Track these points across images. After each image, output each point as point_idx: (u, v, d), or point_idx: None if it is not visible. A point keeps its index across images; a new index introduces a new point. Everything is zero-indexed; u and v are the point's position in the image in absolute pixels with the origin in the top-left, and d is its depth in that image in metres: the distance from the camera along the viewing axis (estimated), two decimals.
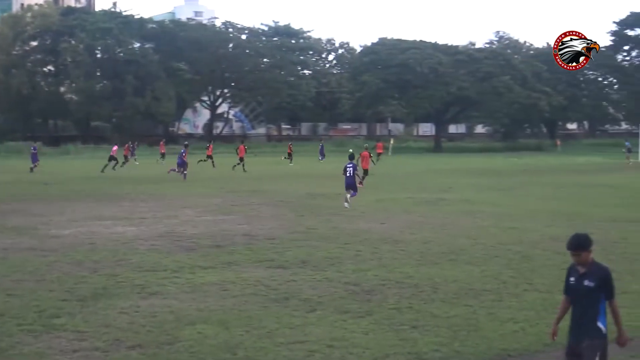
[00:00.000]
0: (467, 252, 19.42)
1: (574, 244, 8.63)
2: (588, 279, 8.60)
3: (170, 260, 18.33)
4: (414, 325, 12.57)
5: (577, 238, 8.68)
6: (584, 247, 8.60)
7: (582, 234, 8.80)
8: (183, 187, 39.69)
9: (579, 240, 8.65)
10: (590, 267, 8.66)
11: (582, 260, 8.61)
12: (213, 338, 11.92)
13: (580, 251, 8.58)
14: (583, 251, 8.58)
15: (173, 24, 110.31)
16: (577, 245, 8.60)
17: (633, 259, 18.50)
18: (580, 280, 8.65)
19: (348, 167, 31.51)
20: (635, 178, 46.86)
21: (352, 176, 31.38)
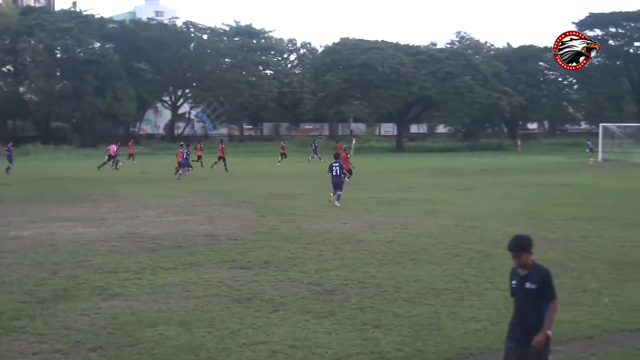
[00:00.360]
0: (428, 252, 19.51)
1: (515, 245, 8.61)
2: (529, 281, 8.56)
3: (132, 261, 18.24)
4: (377, 325, 12.61)
5: (518, 239, 8.67)
6: (525, 249, 8.58)
7: (523, 235, 8.83)
8: (144, 188, 39.45)
9: (520, 242, 8.64)
10: (531, 269, 8.62)
11: (523, 262, 8.58)
12: (175, 339, 11.88)
13: (521, 252, 8.55)
14: (524, 252, 8.56)
15: (134, 24, 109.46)
16: (519, 247, 8.59)
17: (592, 258, 18.68)
18: (522, 283, 8.61)
19: (334, 166, 31.87)
20: (595, 177, 47.30)
21: (338, 175, 31.68)
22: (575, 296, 14.68)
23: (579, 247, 20.39)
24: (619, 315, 13.26)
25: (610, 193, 36.32)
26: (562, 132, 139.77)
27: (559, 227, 24.37)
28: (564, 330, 12.32)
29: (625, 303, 14.12)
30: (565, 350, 11.47)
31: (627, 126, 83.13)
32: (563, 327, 12.43)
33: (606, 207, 30.18)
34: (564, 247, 20.32)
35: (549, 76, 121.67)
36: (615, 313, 13.42)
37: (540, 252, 19.29)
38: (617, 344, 11.78)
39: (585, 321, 12.91)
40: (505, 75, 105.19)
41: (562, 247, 20.24)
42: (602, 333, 12.30)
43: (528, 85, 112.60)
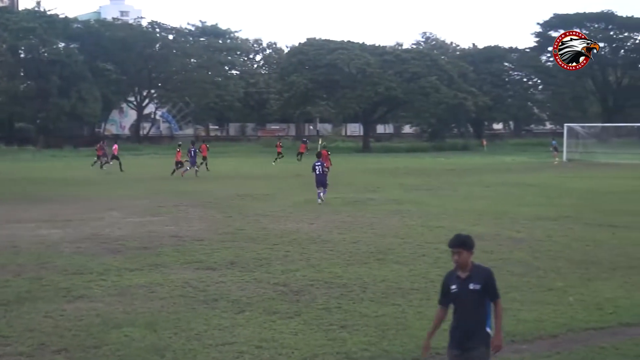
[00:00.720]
0: (395, 252, 19.55)
1: (456, 241, 8.38)
2: (473, 282, 8.28)
3: (97, 262, 18.12)
4: (343, 325, 12.61)
5: (459, 236, 8.47)
6: (467, 246, 8.32)
7: (465, 234, 8.60)
8: (109, 189, 39.20)
9: (462, 238, 8.42)
10: (472, 269, 8.34)
11: (462, 260, 8.27)
12: (140, 341, 11.82)
13: (461, 249, 8.27)
14: (464, 249, 8.29)
15: (98, 24, 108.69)
16: (459, 243, 8.34)
17: (557, 257, 18.81)
18: (465, 284, 8.29)
19: (317, 165, 32.97)
20: (560, 177, 47.65)
21: (321, 174, 32.74)
22: (540, 295, 14.78)
23: (544, 246, 20.52)
24: (584, 314, 13.35)
25: (575, 193, 36.60)
26: (527, 132, 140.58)
27: (525, 226, 24.53)
28: (529, 329, 12.40)
29: (590, 302, 14.23)
30: (530, 349, 11.54)
31: (591, 126, 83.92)
32: (528, 326, 12.52)
33: (571, 206, 30.41)
34: (530, 246, 20.45)
35: (514, 76, 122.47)
36: (579, 312, 13.51)
37: (506, 251, 19.49)
38: (582, 343, 11.86)
39: (550, 320, 12.98)
40: (470, 76, 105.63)
41: (527, 247, 20.36)
42: (567, 332, 12.38)
43: (493, 86, 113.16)
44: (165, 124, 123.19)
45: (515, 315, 13.22)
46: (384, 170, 54.10)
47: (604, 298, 14.49)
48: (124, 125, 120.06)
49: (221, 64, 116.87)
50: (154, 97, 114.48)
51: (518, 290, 15.11)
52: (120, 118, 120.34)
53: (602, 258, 18.65)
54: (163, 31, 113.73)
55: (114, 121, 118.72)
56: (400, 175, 49.31)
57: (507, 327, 12.37)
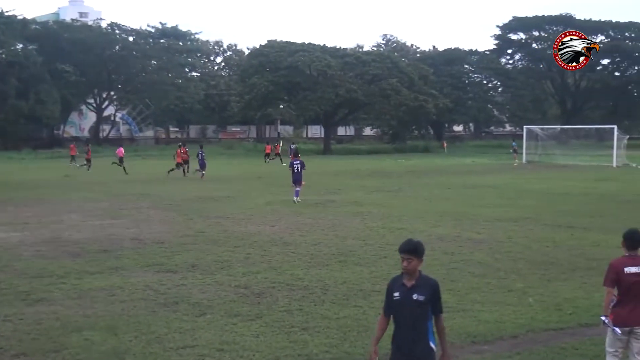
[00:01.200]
0: (356, 253, 19.57)
1: (407, 247, 7.91)
2: (418, 292, 7.81)
3: (56, 266, 17.97)
4: (304, 327, 12.60)
5: (412, 242, 7.99)
6: (418, 253, 7.88)
7: (417, 240, 8.11)
8: (69, 192, 38.87)
9: (414, 244, 7.93)
10: (419, 279, 7.90)
11: (412, 268, 7.81)
12: (101, 344, 11.74)
13: (413, 255, 7.82)
14: (416, 257, 7.84)
15: (57, 25, 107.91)
16: (411, 249, 7.88)
17: (517, 258, 18.93)
18: (409, 294, 7.84)
19: (295, 164, 34.00)
20: (519, 178, 47.97)
21: (299, 172, 33.67)
22: (501, 296, 14.87)
23: (504, 247, 20.65)
24: (544, 315, 13.45)
25: (534, 194, 36.87)
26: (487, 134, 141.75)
27: (485, 227, 24.68)
28: (490, 329, 12.48)
29: (549, 302, 14.34)
30: (491, 349, 11.61)
31: (550, 128, 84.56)
32: (489, 327, 12.59)
33: (530, 208, 30.64)
34: (490, 247, 20.57)
35: (473, 79, 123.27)
36: (539, 312, 13.61)
37: (467, 252, 19.60)
38: (542, 343, 11.94)
39: (510, 321, 13.07)
40: (431, 78, 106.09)
41: (487, 248, 20.48)
42: (527, 332, 12.46)
43: (454, 88, 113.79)
44: (125, 126, 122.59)
45: (476, 316, 13.30)
46: (345, 172, 54.16)
47: (564, 299, 14.61)
48: (83, 128, 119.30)
49: (181, 65, 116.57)
50: (114, 99, 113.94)
51: (479, 291, 15.20)
52: (80, 120, 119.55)
53: (561, 259, 18.81)
54: (123, 33, 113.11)
55: (73, 123, 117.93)
56: (361, 177, 49.39)
57: (468, 327, 12.49)
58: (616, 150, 63.49)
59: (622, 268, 9.46)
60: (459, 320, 13.01)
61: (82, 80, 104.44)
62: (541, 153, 71.89)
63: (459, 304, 14.14)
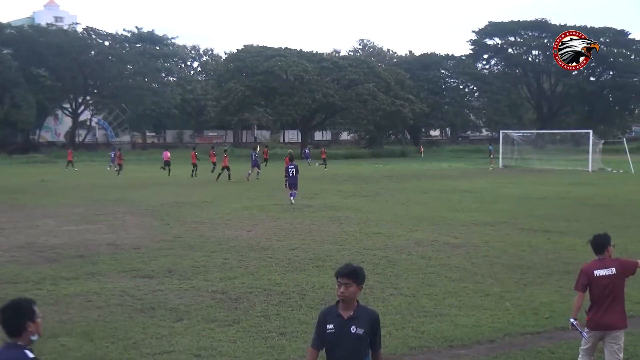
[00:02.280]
0: (333, 258, 19.56)
1: (346, 270, 7.06)
2: (356, 324, 6.93)
3: (32, 271, 17.85)
4: (282, 332, 12.59)
5: (351, 265, 7.16)
6: (358, 277, 7.02)
7: (357, 265, 7.29)
8: (44, 197, 38.66)
9: (354, 268, 7.10)
10: (357, 309, 7.03)
11: (350, 294, 6.94)
12: (77, 350, 11.68)
13: (352, 280, 6.94)
14: (355, 281, 6.96)
15: (32, 29, 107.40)
16: (351, 272, 7.03)
17: (494, 262, 18.98)
18: (346, 326, 6.92)
19: (290, 168, 35.40)
20: (495, 183, 48.14)
21: (294, 176, 35.13)
22: (478, 300, 14.91)
23: (481, 251, 20.71)
24: (520, 319, 13.50)
25: (511, 198, 37.00)
26: (463, 138, 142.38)
27: (462, 232, 24.73)
28: (467, 333, 12.50)
29: (526, 306, 14.39)
30: (468, 353, 11.63)
31: (526, 132, 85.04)
32: (466, 331, 12.62)
33: (506, 212, 30.75)
34: (467, 252, 20.62)
35: (450, 84, 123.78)
36: (516, 316, 13.66)
37: (444, 257, 19.64)
38: (519, 347, 11.98)
39: (487, 325, 13.10)
40: (407, 83, 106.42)
41: (464, 252, 20.54)
42: (504, 336, 12.49)
43: (430, 93, 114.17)
44: (101, 130, 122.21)
45: (453, 320, 13.33)
46: (322, 177, 54.16)
47: (540, 303, 14.67)
48: (59, 133, 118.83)
49: (158, 70, 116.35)
50: (90, 103, 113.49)
51: (456, 296, 15.23)
52: (55, 125, 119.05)
53: (538, 263, 18.88)
54: (98, 37, 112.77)
55: (49, 128, 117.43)
56: (338, 182, 49.42)
57: (445, 332, 12.52)
58: (592, 154, 63.86)
59: (592, 272, 9.72)
60: (436, 324, 13.04)
61: (58, 84, 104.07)
62: (517, 157, 72.18)
63: (436, 309, 14.17)
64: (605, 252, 9.81)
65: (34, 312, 6.12)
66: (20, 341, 6.02)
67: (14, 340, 6.02)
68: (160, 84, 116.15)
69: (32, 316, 6.09)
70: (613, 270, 9.67)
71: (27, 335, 6.05)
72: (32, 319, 6.07)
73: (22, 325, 6.02)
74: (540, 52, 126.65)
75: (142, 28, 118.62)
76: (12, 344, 6.02)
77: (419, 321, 13.30)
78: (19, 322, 6.02)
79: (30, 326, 6.05)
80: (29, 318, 6.07)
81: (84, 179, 53.18)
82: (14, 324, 6.02)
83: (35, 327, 6.08)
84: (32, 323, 6.06)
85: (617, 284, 9.70)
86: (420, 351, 11.73)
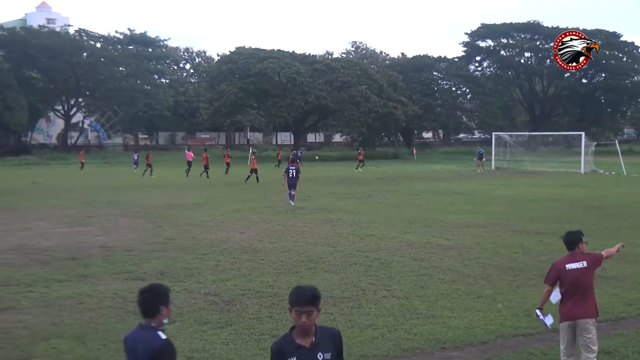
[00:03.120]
0: (326, 260, 19.56)
1: (306, 298, 6.33)
2: (322, 350, 6.34)
3: (24, 274, 17.82)
4: (274, 335, 12.55)
5: (308, 290, 6.41)
6: (318, 302, 6.39)
7: (311, 285, 6.60)
8: (37, 199, 38.59)
9: (312, 291, 6.38)
10: (318, 333, 6.44)
11: (312, 322, 6.35)
12: (69, 353, 11.65)
13: (314, 306, 6.31)
14: (316, 307, 6.34)
15: (24, 31, 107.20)
16: (311, 298, 6.34)
17: (487, 264, 18.99)
18: (311, 355, 6.27)
19: (290, 169, 36.32)
20: (488, 185, 48.16)
21: (294, 177, 36.09)
22: (470, 302, 14.91)
23: (473, 253, 20.72)
24: (513, 320, 13.51)
25: (503, 200, 37.03)
26: (456, 140, 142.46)
27: (454, 234, 24.75)
28: (460, 335, 12.51)
29: (518, 308, 14.40)
30: (460, 355, 11.64)
31: (519, 134, 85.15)
32: (458, 333, 12.63)
33: (499, 214, 30.77)
34: (459, 253, 20.63)
35: (442, 86, 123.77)
36: (509, 318, 13.67)
37: (437, 259, 19.65)
38: (511, 349, 11.99)
39: (480, 327, 13.11)
40: (400, 85, 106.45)
41: (457, 254, 20.54)
42: (496, 338, 12.50)
43: (423, 95, 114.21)
44: (93, 132, 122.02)
45: (446, 322, 13.33)
46: (314, 179, 54.13)
47: (532, 304, 14.60)
48: (51, 135, 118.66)
49: (150, 72, 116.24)
50: (82, 105, 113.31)
51: (448, 298, 15.24)
52: (48, 127, 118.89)
53: (530, 265, 18.90)
54: (91, 39, 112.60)
55: (41, 130, 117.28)
56: (330, 184, 49.40)
57: (437, 333, 12.52)
58: (584, 156, 63.90)
59: (563, 266, 10.21)
60: (428, 326, 13.04)
61: (50, 86, 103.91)
62: (510, 159, 72.22)
63: (429, 310, 14.17)
64: (577, 248, 10.33)
65: (168, 298, 6.76)
66: (154, 322, 6.65)
67: (148, 321, 6.70)
68: (153, 85, 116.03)
69: (167, 301, 6.72)
70: (584, 264, 10.15)
71: (160, 317, 6.68)
72: (166, 304, 6.70)
73: (157, 308, 6.68)
74: (532, 54, 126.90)
75: (134, 30, 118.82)
76: (146, 325, 6.71)
77: (412, 323, 13.31)
78: (154, 305, 6.70)
79: (164, 310, 6.68)
80: (163, 302, 6.71)
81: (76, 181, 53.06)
82: (150, 306, 6.72)
83: (167, 311, 6.71)
84: (166, 307, 6.69)
85: (587, 276, 10.16)
86: (412, 353, 11.73)
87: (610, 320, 13.47)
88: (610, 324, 13.25)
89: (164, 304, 6.69)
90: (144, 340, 6.57)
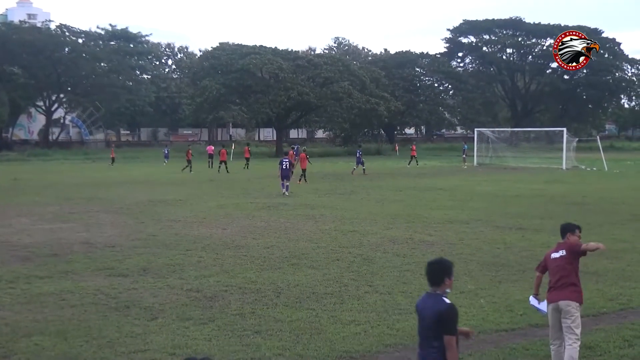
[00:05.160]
0: (308, 256, 19.56)
1: None
2: None
3: (5, 270, 17.74)
4: (257, 330, 12.57)
5: None
6: None
7: None
8: (17, 195, 38.42)
9: None
10: None
11: None
12: (51, 349, 11.61)
13: None
14: None
15: (5, 27, 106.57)
16: None
17: (469, 260, 19.04)
18: None
19: (284, 161, 38.90)
20: (470, 181, 48.27)
21: (287, 169, 38.60)
22: (452, 298, 14.82)
23: (456, 249, 20.77)
24: (495, 316, 13.55)
25: (485, 196, 37.12)
26: (438, 136, 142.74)
27: (437, 229, 24.80)
28: None
29: (500, 304, 14.44)
30: None
31: (501, 130, 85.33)
32: None
33: (481, 210, 30.85)
34: (442, 249, 20.66)
35: (425, 82, 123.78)
36: (491, 314, 13.71)
37: (419, 255, 19.67)
38: (493, 344, 12.03)
39: (462, 322, 13.01)
40: (382, 81, 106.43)
41: (439, 250, 20.57)
42: (478, 333, 12.49)
43: (405, 91, 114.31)
44: (75, 129, 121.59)
45: None
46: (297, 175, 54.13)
47: (514, 300, 14.72)
48: (32, 130, 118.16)
49: (132, 68, 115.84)
50: (63, 101, 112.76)
51: None
52: (29, 123, 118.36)
53: (512, 260, 18.97)
54: (72, 35, 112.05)
55: (22, 126, 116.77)
56: (313, 180, 49.38)
57: None
58: (565, 152, 64.13)
59: (549, 255, 10.85)
60: (411, 322, 13.03)
61: (31, 82, 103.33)
62: (492, 155, 72.40)
63: (412, 306, 14.09)
64: (565, 237, 10.85)
65: (452, 271, 7.94)
66: (439, 290, 7.82)
67: (434, 289, 7.85)
68: (135, 81, 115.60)
69: (450, 274, 7.89)
70: (563, 252, 10.65)
71: (444, 287, 7.82)
72: (449, 276, 7.87)
73: (442, 278, 7.83)
74: (514, 50, 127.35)
75: (115, 25, 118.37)
76: (432, 292, 7.86)
77: (394, 319, 13.32)
78: (440, 275, 7.84)
79: (447, 281, 7.82)
80: (448, 275, 7.86)
81: (58, 177, 52.85)
82: (436, 276, 7.86)
83: (449, 282, 7.85)
84: (449, 279, 7.84)
85: (568, 264, 10.60)
86: (395, 349, 11.75)
87: (591, 316, 13.53)
88: (591, 319, 13.31)
89: (447, 276, 7.82)
90: (432, 304, 7.73)
